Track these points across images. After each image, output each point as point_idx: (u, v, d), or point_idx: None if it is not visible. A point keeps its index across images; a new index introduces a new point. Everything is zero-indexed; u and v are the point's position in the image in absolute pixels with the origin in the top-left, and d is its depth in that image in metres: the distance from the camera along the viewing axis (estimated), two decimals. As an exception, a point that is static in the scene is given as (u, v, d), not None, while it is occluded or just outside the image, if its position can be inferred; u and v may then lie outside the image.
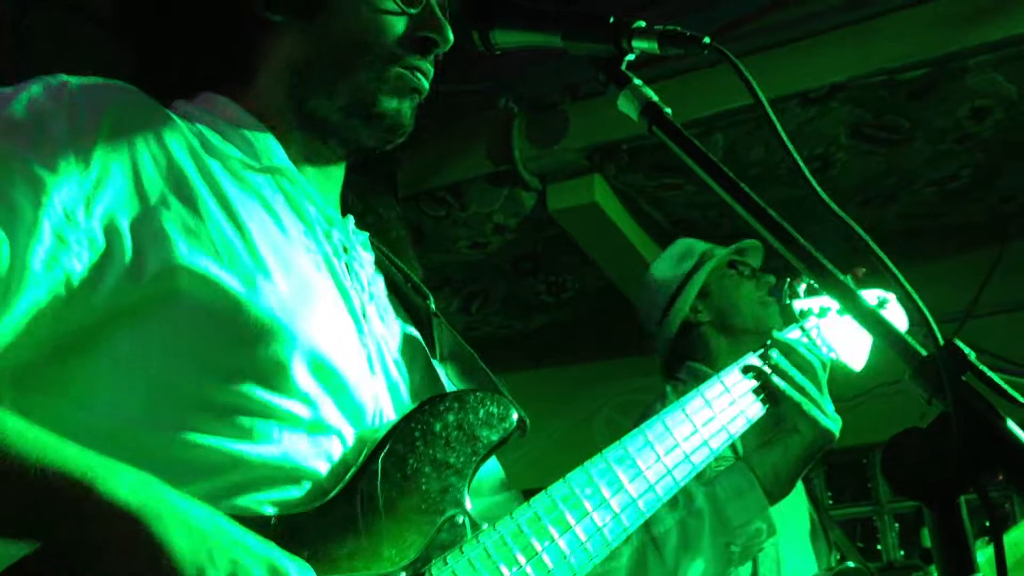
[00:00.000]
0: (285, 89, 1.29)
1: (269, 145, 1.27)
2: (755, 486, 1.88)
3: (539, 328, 5.90)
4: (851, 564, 2.56)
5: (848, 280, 1.08)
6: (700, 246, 3.09)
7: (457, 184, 4.60)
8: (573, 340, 5.92)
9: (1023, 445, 0.92)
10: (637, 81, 1.24)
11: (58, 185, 1.04)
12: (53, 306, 1.03)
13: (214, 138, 1.23)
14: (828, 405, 1.83)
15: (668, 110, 1.22)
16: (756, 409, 1.69)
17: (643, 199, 4.79)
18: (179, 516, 0.93)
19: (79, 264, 1.04)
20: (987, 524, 0.95)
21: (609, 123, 4.29)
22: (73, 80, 1.13)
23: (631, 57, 1.25)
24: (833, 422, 1.84)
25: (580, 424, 5.75)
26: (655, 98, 1.22)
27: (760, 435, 1.80)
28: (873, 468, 5.42)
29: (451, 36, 1.34)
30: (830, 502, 5.48)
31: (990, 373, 0.99)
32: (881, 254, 1.06)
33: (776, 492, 1.89)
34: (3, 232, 1.00)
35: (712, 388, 1.62)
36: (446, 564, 1.13)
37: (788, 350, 1.80)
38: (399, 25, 1.30)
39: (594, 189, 4.55)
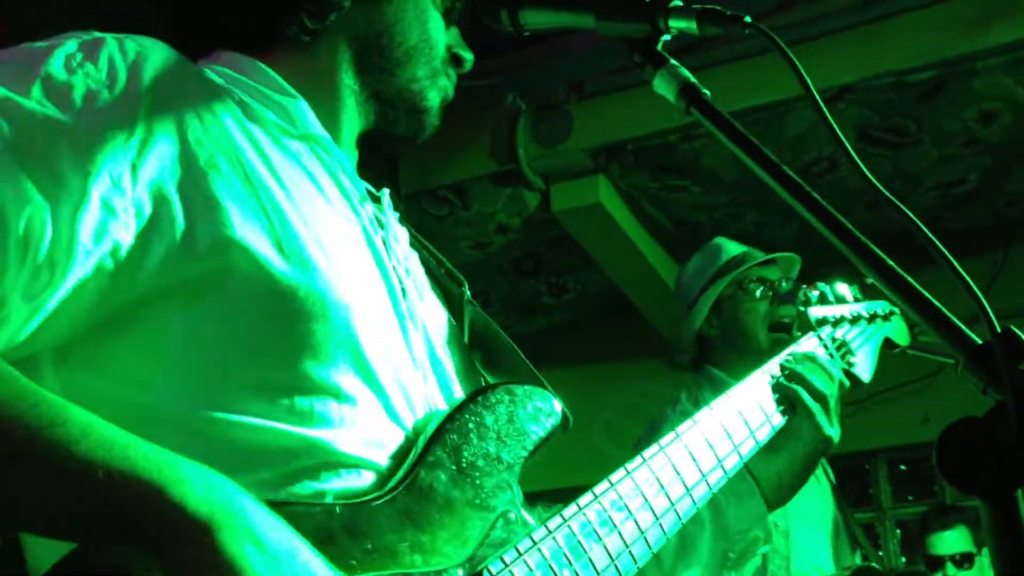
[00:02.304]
0: (348, 58, 1.28)
1: (303, 111, 1.23)
2: (755, 493, 1.87)
3: (540, 330, 5.87)
4: (874, 565, 2.53)
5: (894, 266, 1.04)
6: (726, 254, 3.06)
7: (460, 183, 4.57)
8: (574, 342, 5.89)
9: (1082, 436, 0.88)
10: (673, 62, 1.20)
11: (104, 150, 0.98)
12: (100, 279, 0.97)
13: (251, 102, 1.18)
14: (835, 416, 1.82)
15: (707, 92, 1.18)
16: (778, 417, 1.66)
17: (647, 201, 4.76)
18: (253, 532, 0.88)
19: (127, 234, 0.98)
20: None
21: (614, 124, 4.27)
22: (108, 37, 1.08)
23: (667, 37, 1.21)
24: (834, 431, 1.83)
25: (581, 427, 5.71)
26: (693, 79, 1.18)
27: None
28: (875, 473, 5.40)
29: (472, 59, 1.39)
30: (831, 507, 5.46)
31: (1050, 362, 0.96)
32: (938, 243, 1.03)
33: (776, 499, 1.88)
34: (48, 205, 0.94)
35: (739, 392, 1.59)
36: (505, 564, 1.09)
37: (808, 360, 1.78)
38: (447, 37, 1.35)
39: (598, 190, 4.53)
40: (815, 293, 1.98)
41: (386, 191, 1.34)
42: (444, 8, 1.34)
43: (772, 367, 1.72)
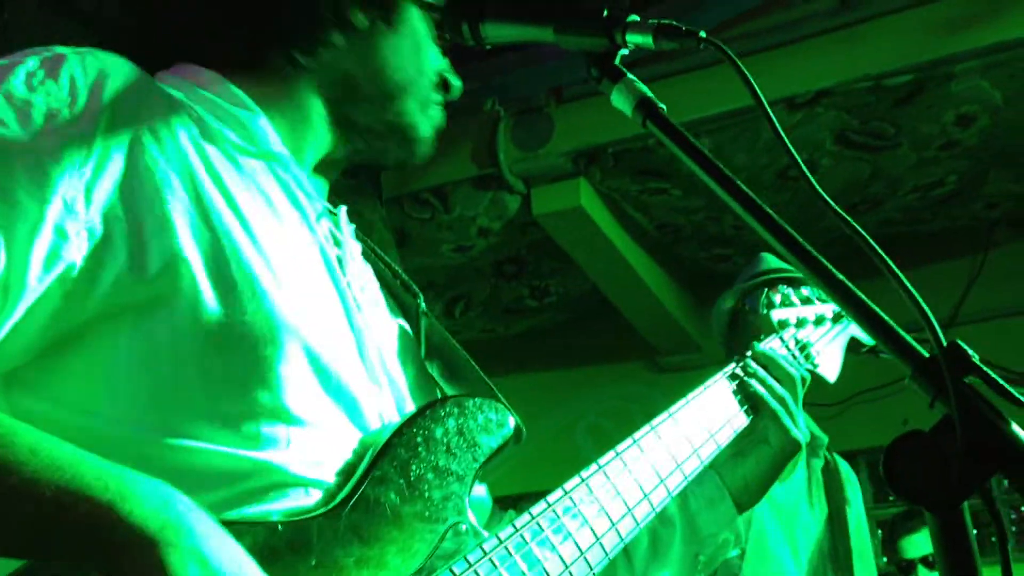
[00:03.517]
0: (328, 89, 1.27)
1: (262, 128, 1.23)
2: (726, 497, 1.89)
3: (522, 332, 5.87)
4: None
5: (846, 282, 1.05)
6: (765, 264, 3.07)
7: (442, 187, 4.58)
8: (556, 345, 5.90)
9: (1027, 448, 0.89)
10: (631, 76, 1.21)
11: (61, 174, 0.99)
12: (52, 301, 0.98)
13: (208, 119, 1.19)
14: (800, 417, 1.84)
15: (663, 106, 1.19)
16: (741, 419, 1.68)
17: (628, 203, 4.77)
18: (198, 552, 0.89)
19: (79, 256, 0.99)
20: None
21: (595, 127, 4.28)
22: (70, 53, 1.08)
23: (625, 52, 1.22)
24: (802, 433, 1.85)
25: (563, 430, 5.72)
26: (649, 93, 1.19)
27: (730, 446, 1.80)
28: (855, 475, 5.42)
29: (460, 86, 1.40)
30: (813, 509, 5.48)
31: (993, 374, 0.97)
32: (883, 254, 1.04)
33: (745, 502, 1.89)
34: (2, 232, 0.95)
35: (699, 397, 1.60)
36: (453, 574, 1.10)
37: (769, 361, 1.79)
38: (437, 65, 1.36)
39: (579, 193, 4.53)
40: (777, 296, 1.99)
41: (343, 208, 1.34)
42: (435, 33, 1.35)
43: (734, 369, 1.74)
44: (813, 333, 1.97)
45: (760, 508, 2.54)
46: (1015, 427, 0.91)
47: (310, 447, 1.08)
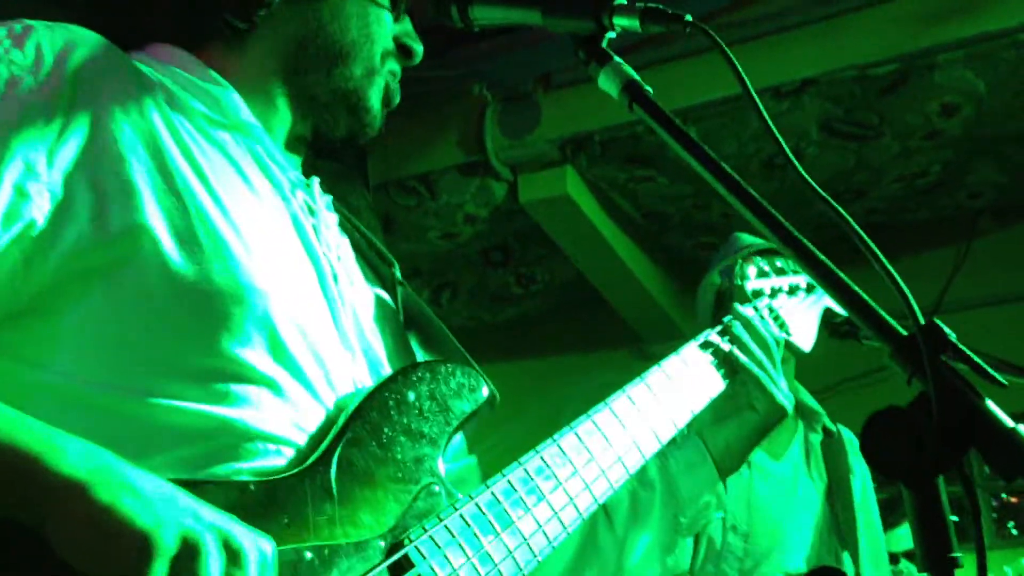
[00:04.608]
0: (280, 57, 1.28)
1: (234, 101, 1.25)
2: (707, 460, 1.91)
3: (509, 320, 5.88)
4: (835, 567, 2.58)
5: (828, 263, 1.07)
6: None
7: (428, 173, 4.58)
8: (543, 333, 5.91)
9: (1001, 425, 0.92)
10: (618, 59, 1.23)
11: (21, 137, 1.01)
12: (11, 262, 1.01)
13: (179, 92, 1.20)
14: (782, 381, 1.86)
15: (649, 89, 1.21)
16: (717, 383, 1.70)
17: (615, 192, 4.79)
18: (127, 484, 0.91)
19: (40, 215, 1.01)
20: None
21: (582, 114, 4.29)
22: (38, 25, 1.11)
23: (612, 35, 1.24)
24: (787, 399, 1.87)
25: (550, 417, 5.74)
26: (636, 76, 1.21)
27: (713, 410, 1.82)
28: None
29: (422, 51, 1.39)
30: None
31: (969, 352, 0.99)
32: (866, 238, 1.07)
33: (727, 466, 1.92)
34: None
35: (671, 363, 1.63)
36: (424, 531, 1.12)
37: (746, 324, 1.82)
38: (391, 30, 1.35)
39: (566, 181, 4.54)
40: (751, 268, 2.02)
41: (315, 179, 1.35)
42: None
43: (710, 336, 1.77)
44: (787, 303, 2.01)
45: (760, 486, 2.57)
46: (990, 404, 0.94)
47: (280, 408, 1.10)
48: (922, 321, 0.97)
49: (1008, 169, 4.59)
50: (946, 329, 0.99)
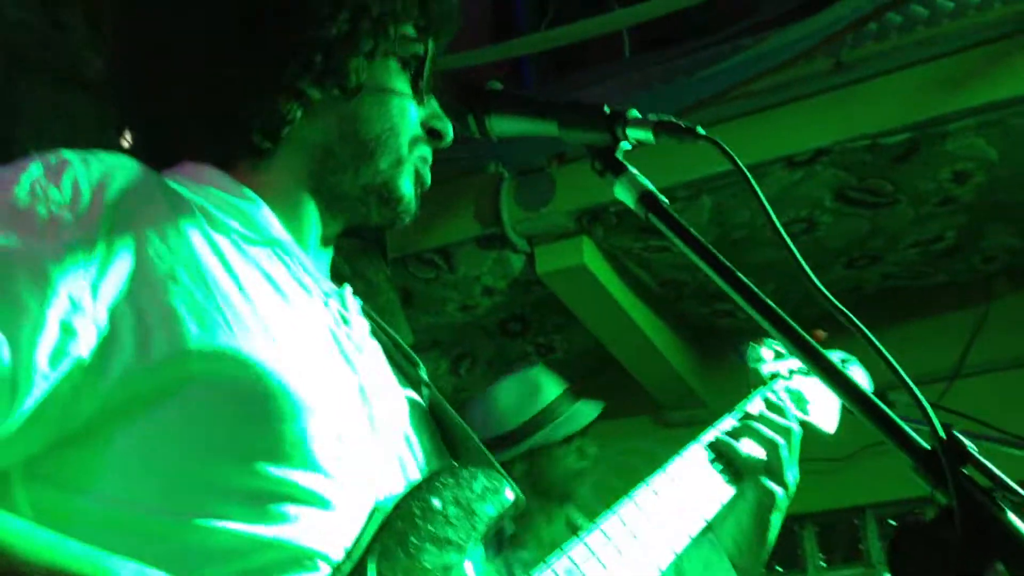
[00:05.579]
0: (307, 165, 1.30)
1: (264, 217, 1.27)
2: (724, 558, 1.86)
3: (527, 389, 5.88)
4: None
5: (850, 376, 1.08)
6: (548, 393, 3.29)
7: (446, 246, 4.62)
8: (562, 401, 5.90)
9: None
10: (632, 170, 1.26)
11: (64, 273, 1.03)
12: (62, 397, 1.02)
13: (214, 211, 1.22)
14: (788, 468, 1.79)
15: (664, 199, 1.23)
16: (727, 491, 1.68)
17: (631, 261, 4.81)
18: None
19: (86, 350, 1.03)
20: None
21: (596, 186, 4.29)
22: (73, 157, 1.13)
23: (627, 146, 1.27)
24: (782, 487, 1.79)
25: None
26: (651, 187, 1.23)
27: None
28: (864, 529, 5.40)
29: (452, 131, 1.40)
30: (822, 564, 5.44)
31: (989, 465, 1.00)
32: (859, 324, 1.08)
33: (744, 565, 1.85)
34: (5, 334, 0.99)
35: (676, 467, 1.61)
36: None
37: (761, 423, 1.79)
38: (416, 115, 1.36)
39: (582, 251, 4.57)
40: (766, 350, 1.99)
41: (347, 286, 1.37)
42: (413, 84, 1.36)
43: (718, 435, 1.74)
44: (805, 383, 1.98)
45: None
46: (1013, 518, 0.94)
47: (321, 523, 1.10)
48: (942, 434, 0.98)
49: (1022, 233, 4.60)
50: (966, 441, 0.99)
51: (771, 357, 1.99)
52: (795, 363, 2.00)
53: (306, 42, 1.26)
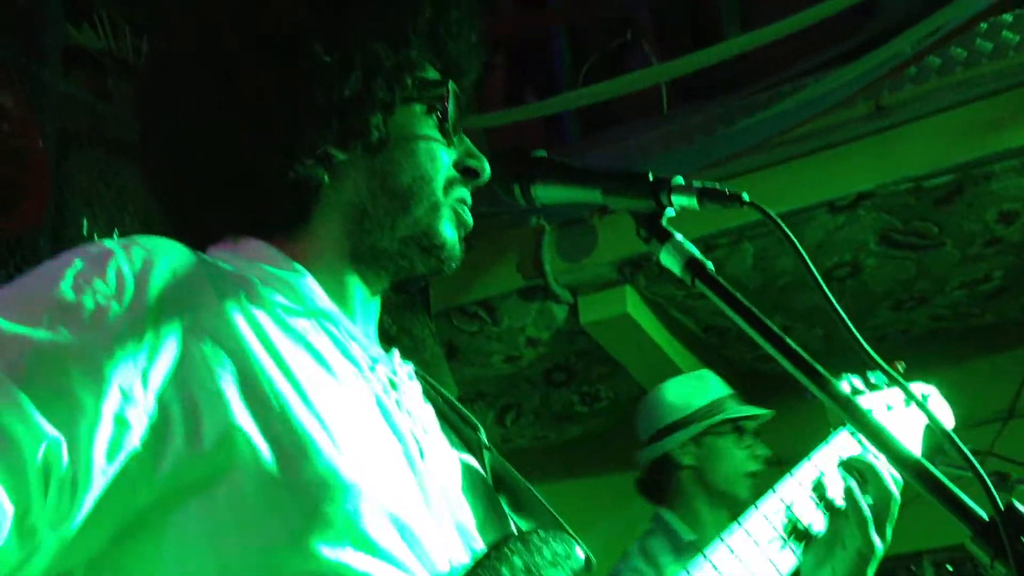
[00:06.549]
0: (344, 227, 1.29)
1: (309, 287, 1.26)
2: None
3: (574, 438, 5.86)
4: None
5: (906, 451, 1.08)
6: (718, 390, 3.16)
7: (489, 299, 4.64)
8: (608, 449, 5.85)
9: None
10: (679, 236, 1.26)
11: (115, 366, 1.04)
12: (118, 490, 1.03)
13: (260, 286, 1.22)
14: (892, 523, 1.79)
15: (710, 265, 1.23)
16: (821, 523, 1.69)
17: (675, 308, 4.81)
18: None
19: (139, 441, 1.04)
20: None
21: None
22: (114, 246, 1.13)
23: (671, 213, 1.27)
24: (883, 541, 1.80)
25: (620, 535, 5.65)
26: (698, 254, 1.24)
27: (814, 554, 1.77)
28: (922, 575, 5.29)
29: (488, 167, 1.37)
30: (879, 611, 5.32)
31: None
32: (890, 370, 1.09)
33: None
34: (63, 433, 1.00)
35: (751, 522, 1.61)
36: None
37: (872, 477, 1.78)
38: (447, 158, 1.34)
39: (626, 300, 4.58)
40: (844, 384, 1.93)
41: (395, 351, 1.36)
42: (440, 127, 1.33)
43: (824, 475, 1.73)
44: (884, 418, 1.94)
45: None
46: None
47: None
48: (1001, 505, 0.97)
49: (1072, 271, 4.54)
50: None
51: (867, 388, 1.96)
52: (871, 398, 1.96)
53: (319, 108, 1.25)
